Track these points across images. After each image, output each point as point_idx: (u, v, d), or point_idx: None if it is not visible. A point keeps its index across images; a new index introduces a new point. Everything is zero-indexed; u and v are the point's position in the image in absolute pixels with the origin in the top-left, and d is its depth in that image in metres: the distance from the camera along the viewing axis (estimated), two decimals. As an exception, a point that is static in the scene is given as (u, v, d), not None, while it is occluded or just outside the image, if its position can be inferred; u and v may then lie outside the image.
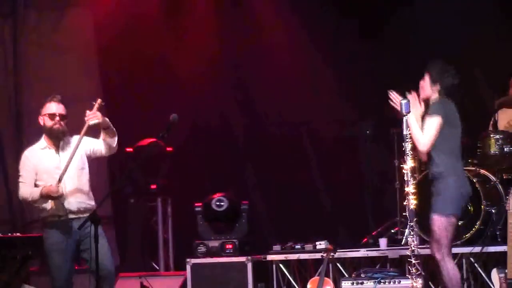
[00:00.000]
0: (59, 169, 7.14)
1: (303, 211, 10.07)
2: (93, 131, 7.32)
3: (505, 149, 8.60)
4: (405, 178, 7.08)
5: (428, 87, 7.17)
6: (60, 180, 7.05)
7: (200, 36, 10.40)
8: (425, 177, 8.72)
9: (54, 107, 7.24)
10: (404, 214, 7.24)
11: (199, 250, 9.21)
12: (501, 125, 8.95)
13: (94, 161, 9.46)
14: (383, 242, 8.83)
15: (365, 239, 9.27)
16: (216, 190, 9.61)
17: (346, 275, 8.69)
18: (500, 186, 8.50)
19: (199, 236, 9.36)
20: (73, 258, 7.22)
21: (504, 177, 8.76)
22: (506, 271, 7.53)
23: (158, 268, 10.06)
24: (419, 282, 7.11)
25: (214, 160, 10.52)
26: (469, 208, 8.62)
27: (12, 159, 11.38)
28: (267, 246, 9.28)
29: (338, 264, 8.79)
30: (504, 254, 7.65)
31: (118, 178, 10.18)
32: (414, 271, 7.05)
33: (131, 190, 10.11)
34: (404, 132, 7.11)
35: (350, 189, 9.90)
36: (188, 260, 9.12)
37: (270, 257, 9.05)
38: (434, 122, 7.00)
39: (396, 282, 8.26)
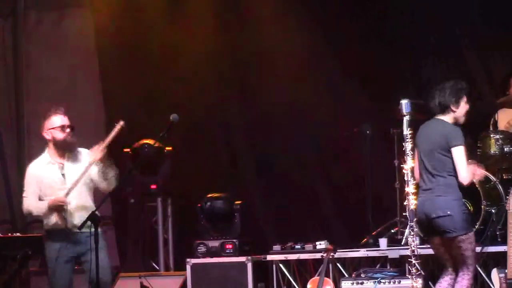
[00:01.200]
0: (63, 184, 7.19)
1: (303, 211, 10.06)
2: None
3: (505, 149, 8.60)
4: (405, 178, 7.08)
5: None
6: (67, 194, 7.12)
7: (200, 35, 10.40)
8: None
9: (61, 119, 7.27)
10: (404, 214, 7.24)
11: (199, 250, 9.21)
12: (501, 125, 8.95)
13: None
14: (383, 242, 8.82)
15: (365, 239, 9.27)
16: (215, 190, 9.62)
17: (346, 275, 8.69)
18: (500, 186, 8.50)
19: (199, 236, 9.36)
20: (73, 268, 7.30)
21: (504, 177, 8.75)
22: (506, 271, 7.53)
23: (158, 268, 10.05)
24: (419, 282, 7.11)
25: (214, 160, 10.52)
26: (469, 208, 8.64)
27: (12, 159, 11.41)
28: (267, 246, 9.28)
29: (338, 264, 8.79)
30: (504, 254, 7.64)
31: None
32: (414, 271, 7.06)
33: (131, 190, 10.11)
34: (404, 132, 7.12)
35: (350, 189, 9.89)
36: (188, 260, 9.12)
37: (270, 257, 9.05)
38: None
39: (396, 282, 8.26)
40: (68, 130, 7.24)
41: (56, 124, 7.24)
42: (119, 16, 10.65)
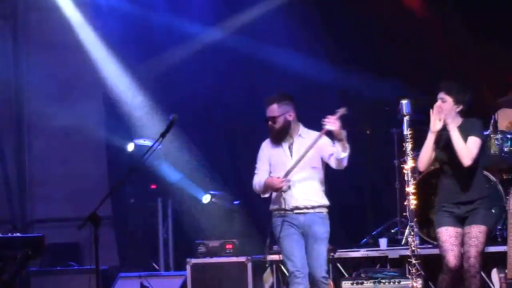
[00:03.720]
0: (288, 163, 7.17)
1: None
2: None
3: (505, 149, 8.60)
4: (405, 178, 7.08)
5: (450, 109, 6.94)
6: (286, 175, 7.12)
7: (200, 33, 10.40)
8: (425, 177, 8.74)
9: (267, 111, 7.30)
10: (404, 214, 7.25)
11: (199, 250, 9.21)
12: (501, 125, 8.95)
13: (94, 161, 9.44)
14: (383, 242, 8.83)
15: (365, 239, 9.27)
16: (215, 190, 9.62)
17: (346, 275, 8.69)
18: (500, 186, 8.49)
19: (199, 236, 9.37)
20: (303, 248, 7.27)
21: (504, 177, 8.75)
22: (506, 271, 7.52)
23: (158, 268, 10.05)
24: (419, 282, 7.12)
25: (215, 159, 10.51)
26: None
27: (12, 159, 11.40)
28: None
29: (338, 264, 8.79)
30: (504, 254, 7.64)
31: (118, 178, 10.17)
32: (414, 271, 7.06)
33: (131, 190, 10.11)
34: (404, 132, 7.12)
35: (350, 189, 9.89)
36: (188, 260, 9.11)
37: (270, 257, 9.05)
38: (478, 142, 6.84)
39: (396, 282, 8.26)
40: (270, 123, 7.24)
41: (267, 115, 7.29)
42: (118, 15, 10.66)
